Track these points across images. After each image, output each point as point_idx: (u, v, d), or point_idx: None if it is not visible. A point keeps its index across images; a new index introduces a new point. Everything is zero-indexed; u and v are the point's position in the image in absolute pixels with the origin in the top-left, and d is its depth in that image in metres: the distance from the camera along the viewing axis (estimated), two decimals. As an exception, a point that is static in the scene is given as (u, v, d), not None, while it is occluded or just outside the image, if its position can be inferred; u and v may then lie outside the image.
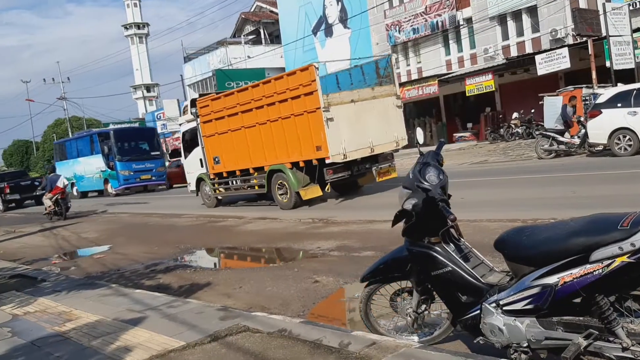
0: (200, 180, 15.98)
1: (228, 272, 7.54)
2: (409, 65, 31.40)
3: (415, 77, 30.09)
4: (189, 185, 17.20)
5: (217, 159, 14.77)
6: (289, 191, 12.79)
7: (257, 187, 13.91)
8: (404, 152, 15.03)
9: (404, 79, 30.51)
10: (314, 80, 11.51)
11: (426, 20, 28.99)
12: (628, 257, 2.58)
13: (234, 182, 14.63)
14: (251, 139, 13.46)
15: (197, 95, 17.17)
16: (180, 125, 18.26)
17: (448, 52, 29.25)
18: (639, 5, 21.60)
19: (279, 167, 12.89)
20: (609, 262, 2.62)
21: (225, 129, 14.11)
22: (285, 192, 12.93)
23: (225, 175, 14.73)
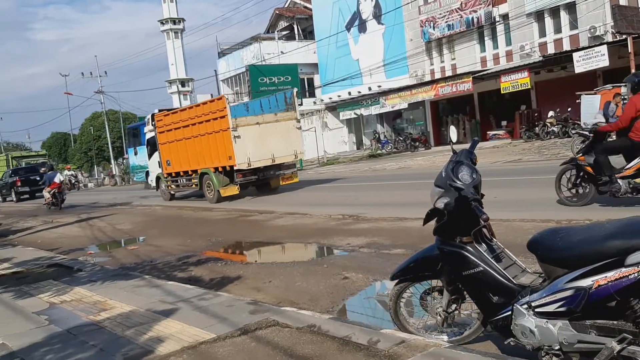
0: (158, 178, 19.93)
1: (258, 266, 7.61)
2: (443, 62, 31.08)
3: (449, 73, 29.77)
4: (151, 182, 21.11)
5: (168, 162, 18.61)
6: (213, 189, 16.53)
7: (195, 185, 17.69)
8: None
9: (438, 76, 30.24)
10: (225, 108, 15.62)
11: (461, 17, 28.63)
12: (665, 261, 2.52)
13: (181, 181, 18.52)
14: (189, 147, 17.33)
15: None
16: (146, 134, 21.13)
17: (483, 48, 28.84)
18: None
19: (206, 170, 16.74)
20: (646, 266, 2.57)
21: (173, 139, 17.99)
22: (211, 190, 16.68)
23: (174, 175, 18.59)
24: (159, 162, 19.30)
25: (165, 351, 3.82)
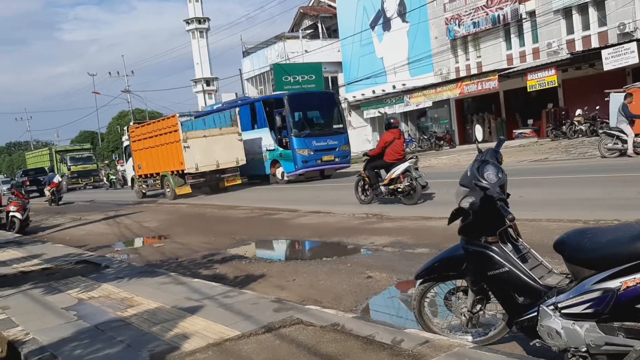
0: (133, 179, 24.72)
1: (282, 264, 7.64)
2: (468, 59, 30.78)
3: (474, 71, 29.48)
4: (129, 183, 26.08)
5: (140, 166, 22.88)
6: (171, 189, 20.44)
7: (158, 185, 21.83)
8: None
9: (463, 74, 29.97)
10: (177, 124, 19.66)
11: (487, 14, 28.32)
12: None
13: (149, 182, 22.65)
14: (153, 154, 21.49)
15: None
16: (124, 143, 26.59)
17: (509, 46, 28.48)
18: None
19: (165, 173, 20.76)
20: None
21: (142, 147, 22.43)
22: (170, 189, 20.62)
23: (144, 176, 22.73)
24: (132, 166, 23.82)
25: (191, 348, 3.86)
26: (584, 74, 24.75)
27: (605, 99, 18.84)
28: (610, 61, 21.46)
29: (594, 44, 24.08)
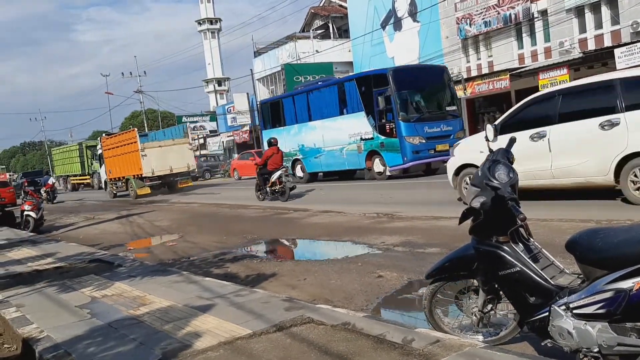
0: (105, 182, 29.28)
1: (293, 263, 7.67)
2: (479, 59, 30.63)
3: (485, 71, 29.32)
4: (104, 185, 30.53)
5: (110, 171, 27.61)
6: (133, 189, 24.64)
7: (125, 187, 26.19)
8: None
9: (474, 73, 29.82)
10: (135, 137, 24.76)
11: (499, 13, 28.17)
12: None
13: (118, 184, 27.08)
14: (119, 161, 26.09)
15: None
16: (98, 151, 33.04)
17: (521, 45, 28.31)
18: None
19: (129, 177, 25.15)
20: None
21: (111, 155, 27.19)
22: (133, 190, 24.79)
23: (114, 179, 27.27)
24: (105, 171, 28.73)
25: (203, 346, 3.89)
26: (596, 73, 24.48)
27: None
28: (623, 60, 21.25)
29: (607, 42, 23.88)
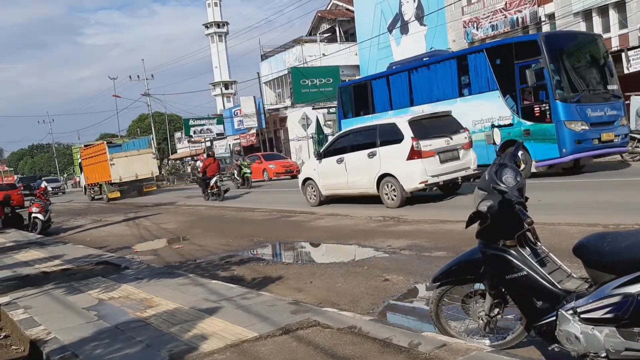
0: (85, 187, 33.97)
1: (299, 266, 7.66)
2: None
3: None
4: (83, 189, 35.95)
5: (88, 177, 32.04)
6: (105, 193, 28.64)
7: (100, 192, 30.10)
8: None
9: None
10: (105, 149, 28.42)
11: (505, 17, 28.14)
12: None
13: (94, 189, 31.04)
14: (94, 169, 30.15)
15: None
16: (78, 159, 37.85)
17: (529, 49, 28.22)
18: None
19: (101, 182, 29.33)
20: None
21: (89, 163, 31.33)
22: (105, 194, 28.69)
23: (91, 185, 31.33)
24: (84, 177, 33.89)
25: (209, 348, 3.90)
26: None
27: (626, 102, 18.59)
28: (631, 64, 21.17)
29: (615, 46, 23.78)
